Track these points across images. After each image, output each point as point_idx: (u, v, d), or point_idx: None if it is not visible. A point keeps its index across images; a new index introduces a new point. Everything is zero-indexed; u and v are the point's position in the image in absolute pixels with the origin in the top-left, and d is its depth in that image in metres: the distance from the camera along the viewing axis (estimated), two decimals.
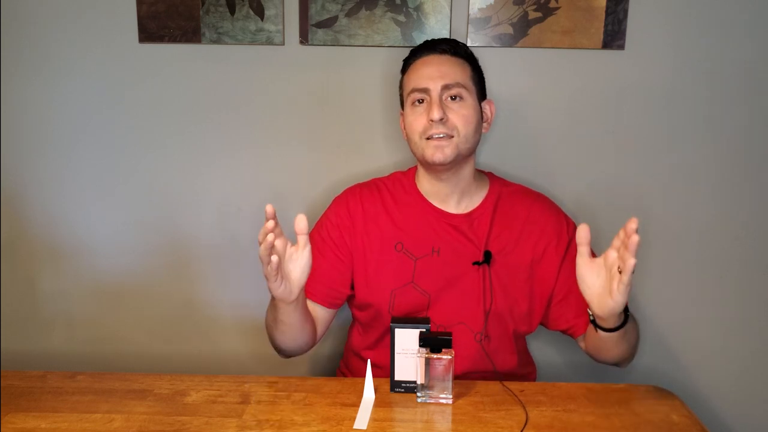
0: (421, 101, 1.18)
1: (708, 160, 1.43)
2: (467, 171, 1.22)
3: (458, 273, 1.20)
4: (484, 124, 1.23)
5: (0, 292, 1.53)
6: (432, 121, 1.15)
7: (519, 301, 1.21)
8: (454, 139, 1.16)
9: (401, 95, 1.25)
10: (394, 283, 1.21)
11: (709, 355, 1.50)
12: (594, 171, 1.44)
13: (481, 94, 1.23)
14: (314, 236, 1.25)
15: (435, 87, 1.16)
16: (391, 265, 1.22)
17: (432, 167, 1.18)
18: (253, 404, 1.06)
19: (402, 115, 1.25)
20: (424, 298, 1.20)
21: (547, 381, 1.19)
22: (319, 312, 1.22)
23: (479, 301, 1.20)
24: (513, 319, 1.22)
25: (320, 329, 1.23)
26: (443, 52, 1.20)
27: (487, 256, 1.20)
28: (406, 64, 1.24)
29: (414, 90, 1.18)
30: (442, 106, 1.16)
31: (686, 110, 1.41)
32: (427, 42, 1.23)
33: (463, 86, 1.17)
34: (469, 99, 1.18)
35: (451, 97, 1.17)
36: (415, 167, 1.29)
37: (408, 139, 1.22)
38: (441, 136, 1.15)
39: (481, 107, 1.22)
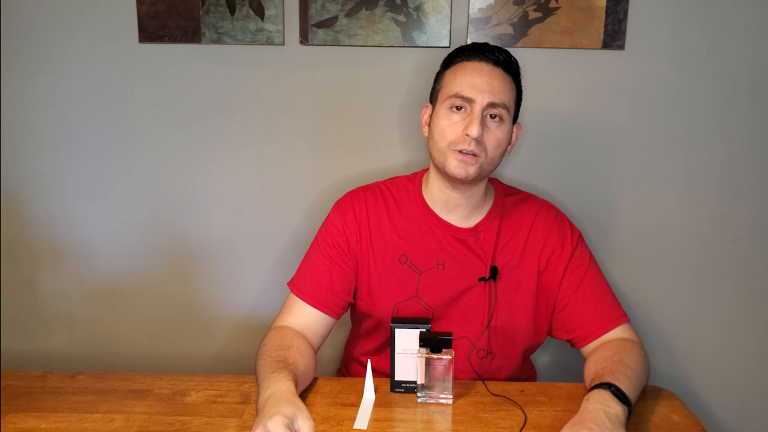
0: (459, 108, 1.11)
1: (708, 160, 1.43)
2: (480, 188, 1.18)
3: (463, 288, 1.18)
4: (508, 147, 1.17)
5: (0, 292, 1.53)
6: (468, 135, 1.09)
7: (524, 316, 1.19)
8: (479, 158, 1.10)
9: (435, 88, 1.18)
10: (397, 296, 1.19)
11: (709, 355, 1.50)
12: (594, 171, 1.44)
13: (516, 116, 1.17)
14: (318, 241, 1.22)
15: (481, 101, 1.09)
16: (395, 278, 1.19)
17: (449, 178, 1.14)
18: (253, 404, 1.06)
19: (427, 107, 1.19)
20: (427, 312, 1.18)
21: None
22: (320, 321, 1.18)
23: (484, 317, 1.18)
24: (520, 334, 1.19)
25: (318, 341, 1.19)
26: (497, 64, 1.12)
27: (494, 272, 1.17)
28: (453, 60, 1.15)
29: (458, 96, 1.10)
30: (482, 123, 1.10)
31: (686, 110, 1.41)
32: (481, 45, 1.14)
33: (507, 108, 1.11)
34: (507, 122, 1.13)
35: (491, 116, 1.11)
36: (422, 173, 1.25)
37: (430, 139, 1.16)
38: (469, 155, 1.10)
39: (511, 128, 1.16)
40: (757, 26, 1.36)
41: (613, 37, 1.37)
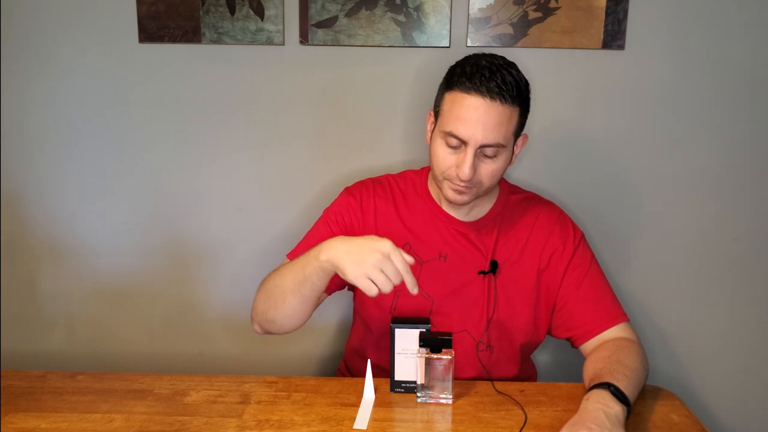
0: (454, 145, 1.09)
1: (708, 160, 1.43)
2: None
3: (464, 280, 1.19)
4: (512, 157, 1.15)
5: (0, 292, 1.53)
6: (458, 175, 1.08)
7: (524, 312, 1.19)
8: (474, 189, 1.11)
9: (436, 107, 1.14)
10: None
11: (709, 355, 1.50)
12: (594, 171, 1.44)
13: (520, 132, 1.14)
14: (323, 217, 1.24)
15: (474, 143, 1.06)
16: None
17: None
18: (253, 404, 1.06)
19: (431, 115, 1.16)
20: (427, 302, 1.19)
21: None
22: None
23: (483, 311, 1.19)
24: (518, 329, 1.20)
25: None
26: (493, 99, 1.05)
27: (494, 266, 1.18)
28: (452, 84, 1.09)
29: (452, 135, 1.08)
30: (475, 164, 1.07)
31: (686, 110, 1.41)
32: (481, 76, 1.05)
33: (503, 145, 1.08)
34: (505, 153, 1.10)
35: (486, 154, 1.09)
36: (428, 168, 1.24)
37: (429, 155, 1.14)
38: (462, 185, 1.09)
39: (514, 145, 1.13)
40: (757, 26, 1.36)
41: (613, 37, 1.37)
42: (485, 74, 1.06)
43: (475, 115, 1.06)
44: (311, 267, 1.03)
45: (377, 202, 1.22)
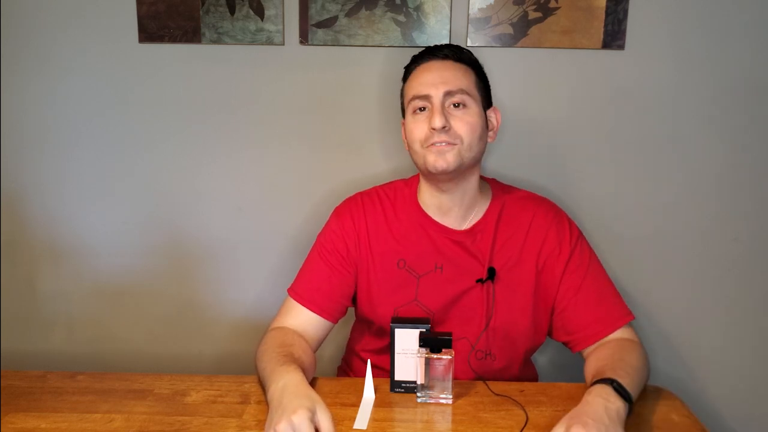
0: (422, 109, 1.14)
1: (708, 160, 1.42)
2: (471, 183, 1.17)
3: (462, 290, 1.18)
4: (490, 133, 1.18)
5: (0, 292, 1.53)
6: (434, 129, 1.10)
7: (525, 316, 1.18)
8: (457, 146, 1.11)
9: (402, 103, 1.21)
10: (397, 301, 1.19)
11: (709, 355, 1.50)
12: (593, 171, 1.44)
13: (487, 101, 1.18)
14: (317, 247, 1.23)
15: (437, 93, 1.11)
16: (394, 283, 1.19)
17: (434, 176, 1.14)
18: (253, 404, 1.06)
19: (403, 124, 1.20)
20: (427, 315, 1.18)
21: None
22: (318, 324, 1.19)
23: (482, 319, 1.17)
24: (521, 335, 1.19)
25: (315, 345, 1.19)
26: (445, 57, 1.15)
27: (491, 273, 1.17)
28: (407, 72, 1.20)
29: (415, 97, 1.14)
30: (445, 113, 1.11)
31: (686, 110, 1.41)
32: (428, 48, 1.19)
33: (467, 93, 1.13)
34: (474, 106, 1.13)
35: (454, 105, 1.12)
36: (418, 177, 1.24)
37: (409, 149, 1.18)
38: (443, 144, 1.11)
39: (486, 115, 1.17)
40: (757, 26, 1.36)
41: (613, 37, 1.37)
42: (434, 47, 1.19)
43: (430, 71, 1.15)
44: (265, 388, 1.02)
45: (368, 220, 1.21)
